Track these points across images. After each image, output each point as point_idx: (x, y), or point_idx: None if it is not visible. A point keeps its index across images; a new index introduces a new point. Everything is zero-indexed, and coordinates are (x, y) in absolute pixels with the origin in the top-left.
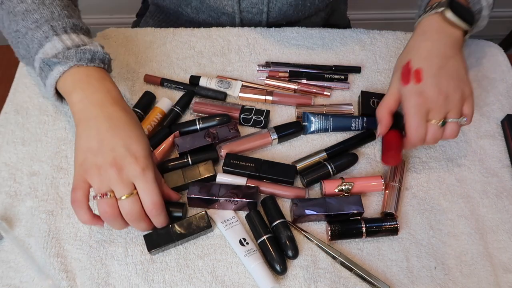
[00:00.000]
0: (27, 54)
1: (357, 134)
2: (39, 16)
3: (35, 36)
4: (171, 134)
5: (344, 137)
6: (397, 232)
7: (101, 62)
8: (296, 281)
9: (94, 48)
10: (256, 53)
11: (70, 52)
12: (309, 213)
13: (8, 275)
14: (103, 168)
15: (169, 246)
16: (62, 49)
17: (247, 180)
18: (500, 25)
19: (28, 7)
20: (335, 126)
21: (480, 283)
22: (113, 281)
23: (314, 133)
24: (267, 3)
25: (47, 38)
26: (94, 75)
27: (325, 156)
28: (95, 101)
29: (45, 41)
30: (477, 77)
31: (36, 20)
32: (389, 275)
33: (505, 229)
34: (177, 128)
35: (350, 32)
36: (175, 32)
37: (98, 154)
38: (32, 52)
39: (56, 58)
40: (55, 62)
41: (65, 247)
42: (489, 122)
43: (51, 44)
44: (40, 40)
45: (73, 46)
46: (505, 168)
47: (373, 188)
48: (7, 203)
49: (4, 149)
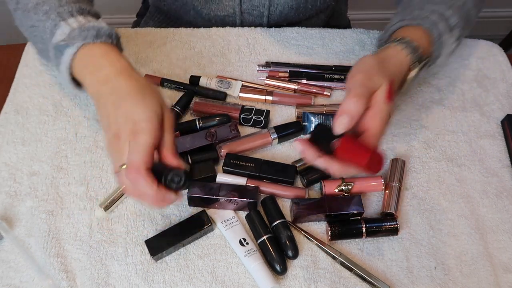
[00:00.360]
0: (43, 46)
1: None
2: (48, 7)
3: (46, 26)
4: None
5: None
6: (397, 232)
7: (108, 37)
8: (296, 281)
9: (98, 25)
10: (256, 53)
11: (75, 32)
12: (309, 213)
13: (8, 275)
14: (111, 142)
15: (172, 249)
16: (69, 31)
17: (247, 180)
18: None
19: (38, 1)
20: None
21: (480, 283)
22: (113, 281)
23: None
24: (268, 7)
25: (56, 26)
26: (98, 53)
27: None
28: (101, 79)
29: (54, 29)
30: (477, 77)
31: (46, 11)
32: (389, 275)
33: (505, 229)
34: (177, 128)
35: (350, 32)
36: (175, 32)
37: (108, 131)
38: (47, 43)
39: (63, 41)
40: (64, 46)
41: (65, 247)
42: (489, 122)
43: (60, 31)
44: (51, 29)
45: (78, 27)
46: (505, 168)
47: (373, 188)
48: (7, 203)
49: (4, 149)
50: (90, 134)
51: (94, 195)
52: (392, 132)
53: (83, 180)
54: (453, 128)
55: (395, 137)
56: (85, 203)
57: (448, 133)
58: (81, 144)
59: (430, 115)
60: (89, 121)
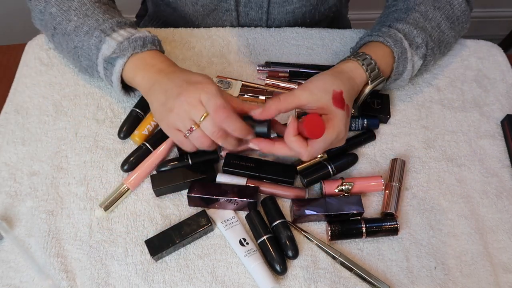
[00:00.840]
0: (90, 62)
1: (357, 134)
2: (88, 27)
3: (91, 43)
4: None
5: None
6: (397, 232)
7: (152, 45)
8: (296, 281)
9: (142, 35)
10: (256, 53)
11: (124, 44)
12: (309, 213)
13: (8, 275)
14: (176, 106)
15: (171, 249)
16: (116, 45)
17: (247, 180)
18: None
19: (76, 24)
20: None
21: (480, 283)
22: (113, 281)
23: None
24: (266, 21)
25: (101, 42)
26: (148, 56)
27: (325, 156)
28: (154, 72)
29: (100, 44)
30: (477, 77)
31: (87, 32)
32: (389, 275)
33: (505, 229)
34: None
35: (350, 32)
36: (175, 32)
37: (168, 101)
38: (94, 59)
39: (115, 54)
40: (114, 58)
41: (65, 247)
42: (489, 122)
43: (106, 45)
44: (96, 45)
45: (125, 39)
46: (505, 168)
47: (373, 188)
48: (7, 203)
49: (4, 149)
50: (90, 134)
51: (94, 195)
52: (392, 132)
53: (83, 180)
54: (453, 128)
55: (395, 137)
56: (85, 203)
57: (448, 133)
58: (81, 144)
59: (430, 115)
60: (89, 121)
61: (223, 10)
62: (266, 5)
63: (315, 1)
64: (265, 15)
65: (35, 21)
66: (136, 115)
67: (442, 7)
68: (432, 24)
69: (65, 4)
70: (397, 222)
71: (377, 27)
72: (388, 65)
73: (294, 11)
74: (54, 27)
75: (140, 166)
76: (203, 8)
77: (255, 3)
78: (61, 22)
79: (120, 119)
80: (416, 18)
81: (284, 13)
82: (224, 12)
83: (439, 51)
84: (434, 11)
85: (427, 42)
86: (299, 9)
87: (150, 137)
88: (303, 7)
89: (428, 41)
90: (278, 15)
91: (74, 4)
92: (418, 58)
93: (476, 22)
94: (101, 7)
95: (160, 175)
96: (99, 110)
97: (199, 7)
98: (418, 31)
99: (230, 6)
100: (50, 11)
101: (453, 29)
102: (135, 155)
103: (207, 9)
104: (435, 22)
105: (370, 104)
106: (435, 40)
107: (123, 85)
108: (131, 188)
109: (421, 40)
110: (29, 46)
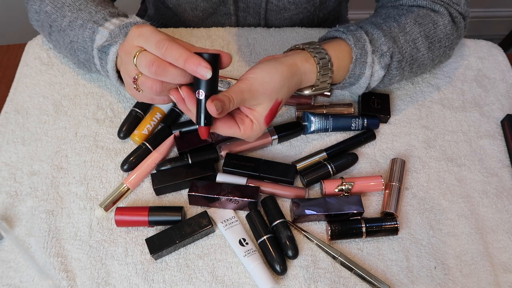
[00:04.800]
0: (86, 55)
1: (357, 134)
2: (82, 21)
3: (85, 36)
4: (171, 134)
5: (344, 137)
6: (397, 232)
7: None
8: (296, 281)
9: (133, 20)
10: (256, 53)
11: (115, 31)
12: (309, 213)
13: (8, 275)
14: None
15: (172, 249)
16: (108, 33)
17: (247, 180)
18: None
19: (70, 19)
20: (335, 126)
21: (480, 283)
22: (113, 281)
23: (314, 133)
24: (264, 26)
25: (94, 32)
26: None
27: (325, 156)
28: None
29: (93, 35)
30: (477, 77)
31: (81, 25)
32: (389, 275)
33: (505, 229)
34: (177, 128)
35: None
36: (175, 32)
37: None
38: (89, 51)
39: (107, 42)
40: (108, 46)
41: (65, 247)
42: (489, 122)
43: (99, 35)
44: (90, 37)
45: (116, 27)
46: (505, 168)
47: (373, 188)
48: (7, 203)
49: (4, 148)
50: (90, 133)
51: (94, 195)
52: (392, 132)
53: (83, 180)
54: (453, 128)
55: (395, 137)
56: (85, 203)
57: (448, 133)
58: (81, 143)
59: (430, 115)
60: (89, 121)
61: (222, 14)
62: (264, 12)
63: (312, 8)
64: (263, 21)
65: (32, 22)
66: (136, 115)
67: (424, 24)
68: (406, 37)
69: (59, 1)
70: (397, 222)
71: (349, 24)
72: (343, 65)
73: (291, 18)
74: (50, 24)
75: (140, 166)
76: (202, 13)
77: (253, 9)
78: (56, 19)
79: (120, 119)
80: (391, 27)
81: (282, 19)
82: (222, 15)
83: (410, 69)
84: (414, 26)
85: (392, 53)
86: (296, 16)
87: (150, 137)
88: (300, 14)
89: (395, 52)
90: (276, 21)
91: (68, 0)
92: (380, 67)
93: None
94: (94, 0)
95: (160, 173)
96: (99, 110)
97: (199, 12)
98: (387, 39)
99: (229, 10)
100: (45, 9)
101: (431, 50)
102: (135, 154)
103: (206, 14)
104: (411, 37)
105: (370, 104)
106: (405, 54)
107: (119, 75)
108: (131, 188)
109: (386, 49)
110: (29, 46)
